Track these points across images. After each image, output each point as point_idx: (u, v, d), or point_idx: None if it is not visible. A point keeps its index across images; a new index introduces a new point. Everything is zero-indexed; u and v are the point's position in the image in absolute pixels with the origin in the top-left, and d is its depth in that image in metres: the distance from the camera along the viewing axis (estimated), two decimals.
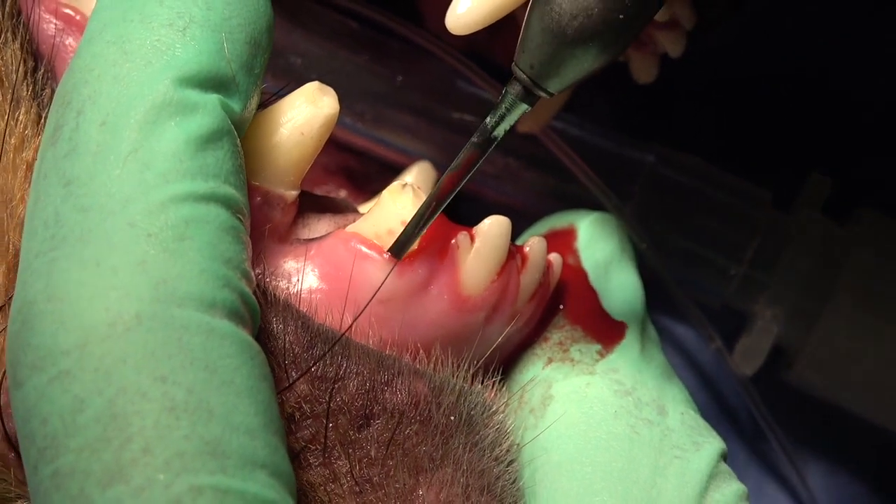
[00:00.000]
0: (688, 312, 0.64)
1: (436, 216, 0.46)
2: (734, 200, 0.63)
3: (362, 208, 0.53)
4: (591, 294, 0.53)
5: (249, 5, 0.43)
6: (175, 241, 0.37)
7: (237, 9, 0.42)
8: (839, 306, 0.61)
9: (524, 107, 0.44)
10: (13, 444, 0.41)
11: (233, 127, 0.41)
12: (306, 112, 0.46)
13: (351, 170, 0.65)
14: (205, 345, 0.36)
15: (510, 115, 0.44)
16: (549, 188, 0.65)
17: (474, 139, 0.45)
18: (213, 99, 0.40)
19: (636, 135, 0.65)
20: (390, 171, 0.64)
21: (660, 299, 0.58)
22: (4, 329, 0.42)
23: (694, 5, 0.56)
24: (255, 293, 0.40)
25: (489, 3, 0.48)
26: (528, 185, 0.65)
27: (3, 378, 0.41)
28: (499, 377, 0.47)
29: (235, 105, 0.41)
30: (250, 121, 0.44)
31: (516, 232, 0.50)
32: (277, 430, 0.37)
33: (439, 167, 0.63)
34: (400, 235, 0.46)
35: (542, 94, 0.44)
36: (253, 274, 0.40)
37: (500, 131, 0.45)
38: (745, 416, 0.68)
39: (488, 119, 0.44)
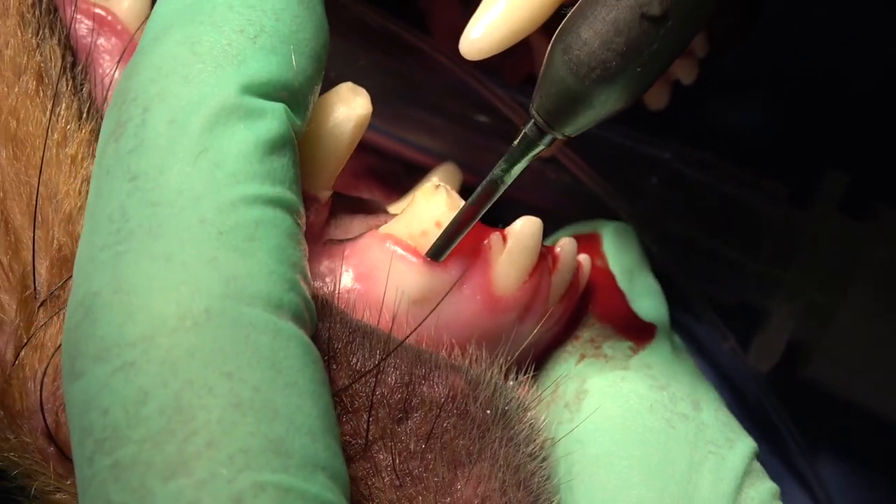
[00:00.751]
0: (702, 311, 0.64)
1: (469, 227, 0.46)
2: (750, 197, 0.64)
3: (391, 208, 0.53)
4: (620, 294, 0.54)
5: (314, 21, 0.43)
6: (245, 241, 0.37)
7: (303, 23, 0.43)
8: (856, 302, 0.61)
9: (541, 147, 0.44)
10: (52, 439, 0.42)
11: (294, 137, 0.41)
12: (340, 113, 0.46)
13: (376, 170, 0.65)
14: (272, 344, 0.36)
15: (526, 156, 0.45)
16: (563, 185, 0.65)
17: (493, 174, 0.45)
18: (279, 107, 0.41)
19: (652, 132, 0.65)
20: (414, 170, 0.64)
21: (674, 299, 0.58)
22: (46, 324, 0.43)
23: (706, 34, 0.57)
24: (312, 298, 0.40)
25: (503, 29, 0.48)
26: (543, 181, 0.65)
27: (44, 372, 0.42)
28: (531, 374, 0.48)
29: (297, 118, 0.42)
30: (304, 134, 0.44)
31: None
32: (336, 434, 0.37)
33: (460, 164, 0.64)
34: (437, 240, 0.46)
35: (559, 136, 0.44)
36: (310, 279, 0.41)
37: (517, 170, 0.45)
38: (762, 413, 0.68)
39: (505, 158, 0.45)
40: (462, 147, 0.64)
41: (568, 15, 0.42)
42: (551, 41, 0.43)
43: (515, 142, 0.45)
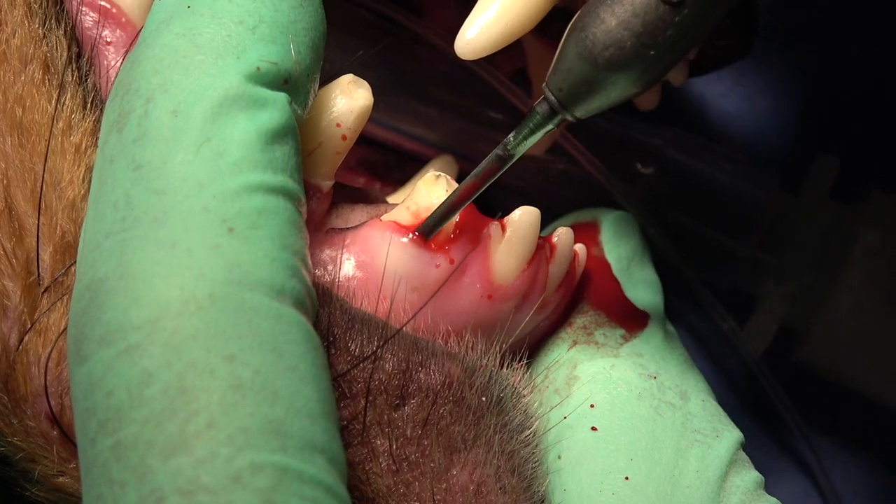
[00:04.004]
0: (698, 295, 0.65)
1: (465, 204, 0.47)
2: (742, 182, 0.64)
3: (390, 198, 0.54)
4: (615, 283, 0.54)
5: (311, 11, 0.44)
6: (248, 229, 0.38)
7: (301, 14, 0.44)
8: (848, 286, 0.62)
9: (549, 127, 0.45)
10: (56, 422, 0.42)
11: (296, 126, 0.42)
12: (342, 104, 0.47)
13: (371, 161, 0.66)
14: (273, 329, 0.37)
15: (535, 135, 0.45)
16: (558, 172, 0.66)
17: (497, 152, 0.46)
18: (281, 97, 0.41)
19: (645, 118, 0.65)
20: (409, 161, 0.65)
21: (670, 285, 0.58)
22: (49, 309, 0.43)
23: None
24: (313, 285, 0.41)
25: (498, 29, 0.49)
26: (537, 168, 0.66)
27: (48, 356, 0.42)
28: (525, 361, 0.49)
29: (298, 107, 0.43)
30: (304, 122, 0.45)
31: None
32: (335, 419, 0.38)
33: (454, 154, 0.64)
34: (427, 219, 0.47)
35: (569, 117, 0.44)
36: (311, 267, 0.41)
37: (522, 149, 0.46)
38: (756, 396, 0.69)
39: (512, 135, 0.45)
40: (456, 137, 0.65)
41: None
42: (571, 22, 0.44)
43: (525, 119, 0.45)
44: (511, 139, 0.45)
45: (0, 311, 0.43)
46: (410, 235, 0.47)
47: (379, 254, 0.46)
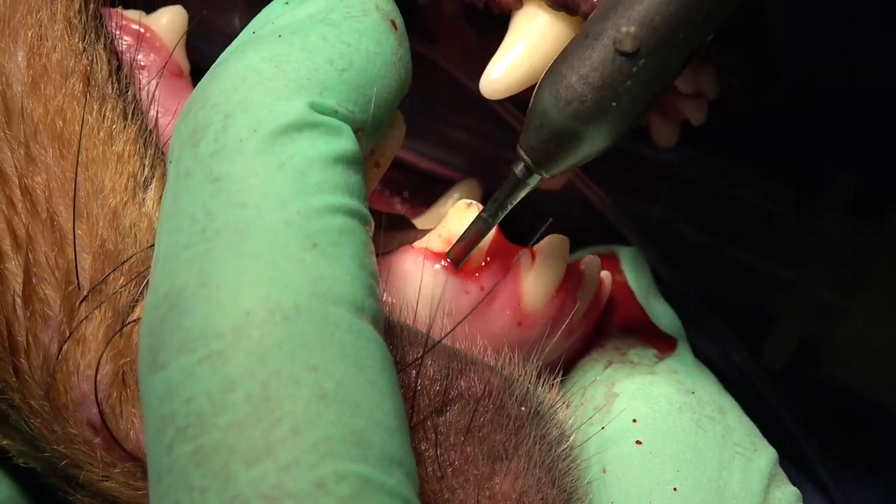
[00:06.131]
0: (712, 325, 0.65)
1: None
2: (761, 200, 0.65)
3: (417, 221, 0.54)
4: (639, 307, 0.55)
5: (401, 73, 0.45)
6: (330, 246, 0.38)
7: (390, 72, 0.44)
8: (866, 303, 0.61)
9: (529, 187, 0.46)
10: (107, 428, 0.42)
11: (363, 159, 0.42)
12: None
13: (396, 181, 0.67)
14: (354, 343, 0.37)
15: (517, 192, 0.46)
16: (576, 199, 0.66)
17: (483, 214, 0.47)
18: (354, 134, 0.42)
19: None
20: (433, 182, 0.66)
21: (684, 318, 0.59)
22: (88, 318, 0.43)
23: (721, 75, 0.58)
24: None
25: (523, 71, 0.49)
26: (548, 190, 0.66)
27: (98, 362, 0.43)
28: (560, 378, 0.49)
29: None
30: None
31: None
32: (408, 435, 0.38)
33: (471, 173, 0.65)
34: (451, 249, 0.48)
35: (545, 175, 0.45)
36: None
37: (507, 205, 0.46)
38: (774, 416, 0.69)
39: (496, 195, 0.46)
40: (478, 159, 0.66)
41: (555, 58, 0.44)
42: (538, 81, 0.44)
43: (505, 181, 0.46)
44: (489, 207, 0.46)
45: (41, 320, 0.43)
46: (443, 262, 0.48)
47: (412, 280, 0.47)
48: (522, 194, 0.46)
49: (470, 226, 0.48)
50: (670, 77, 0.43)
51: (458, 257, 0.48)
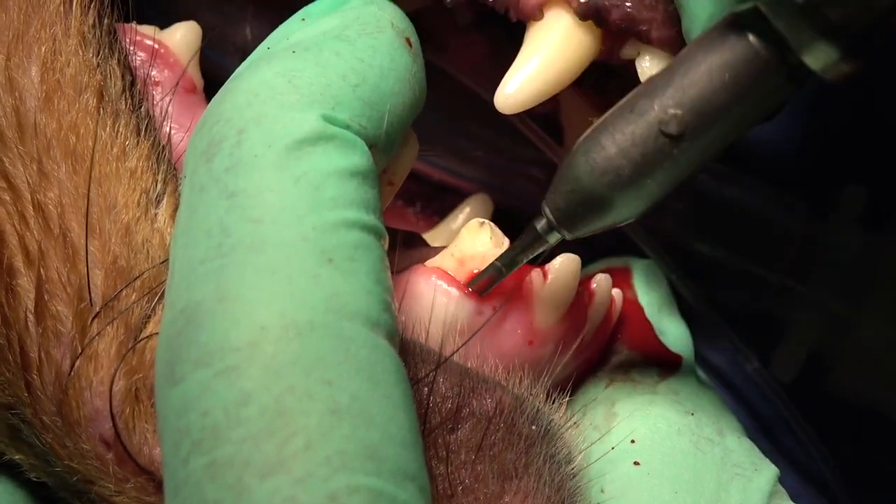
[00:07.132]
0: (724, 336, 0.65)
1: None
2: (771, 211, 0.65)
3: (427, 235, 0.54)
4: (648, 325, 0.55)
5: (416, 91, 0.45)
6: (346, 261, 0.38)
7: (404, 89, 0.44)
8: (876, 314, 0.62)
9: (548, 244, 0.46)
10: (122, 443, 0.42)
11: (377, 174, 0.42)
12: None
13: (411, 192, 0.67)
14: (370, 358, 0.37)
15: (535, 247, 0.46)
16: None
17: (498, 263, 0.47)
18: (368, 150, 0.42)
19: None
20: (444, 192, 0.66)
21: (696, 329, 0.59)
22: (100, 334, 0.44)
23: None
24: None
25: (538, 86, 0.50)
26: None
27: (113, 377, 0.43)
28: (566, 398, 0.49)
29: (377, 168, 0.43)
30: None
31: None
32: (422, 450, 0.38)
33: (483, 185, 0.65)
34: (479, 275, 0.48)
35: (566, 235, 0.45)
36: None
37: (521, 259, 0.47)
38: (783, 427, 0.69)
39: (513, 245, 0.46)
40: (491, 171, 0.65)
41: (593, 124, 0.43)
42: (575, 144, 0.44)
43: (524, 234, 0.46)
44: (512, 251, 0.47)
45: (53, 336, 0.43)
46: (467, 290, 0.48)
47: (424, 299, 0.47)
48: (539, 250, 0.46)
49: (483, 271, 0.48)
50: (707, 159, 0.43)
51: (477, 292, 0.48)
